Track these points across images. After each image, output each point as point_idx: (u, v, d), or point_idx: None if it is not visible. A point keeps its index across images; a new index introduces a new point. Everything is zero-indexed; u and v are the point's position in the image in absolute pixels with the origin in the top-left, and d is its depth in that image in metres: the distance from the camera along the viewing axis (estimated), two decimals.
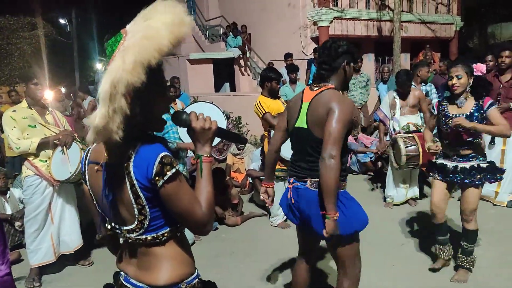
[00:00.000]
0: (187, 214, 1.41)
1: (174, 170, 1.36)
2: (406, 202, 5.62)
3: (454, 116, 3.37)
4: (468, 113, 3.34)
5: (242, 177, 6.88)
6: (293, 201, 2.62)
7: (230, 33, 13.95)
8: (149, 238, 1.45)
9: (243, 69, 14.14)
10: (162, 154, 1.35)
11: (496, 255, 4.02)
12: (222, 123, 4.50)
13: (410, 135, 4.93)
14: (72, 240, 4.13)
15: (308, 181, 2.53)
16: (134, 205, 1.40)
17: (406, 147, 4.56)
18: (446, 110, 3.47)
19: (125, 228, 1.47)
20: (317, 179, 2.43)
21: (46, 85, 4.52)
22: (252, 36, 14.59)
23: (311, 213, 2.50)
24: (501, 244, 4.27)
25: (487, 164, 3.42)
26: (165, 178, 1.35)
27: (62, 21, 22.57)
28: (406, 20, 13.56)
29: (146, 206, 1.40)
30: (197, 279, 1.56)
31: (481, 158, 3.44)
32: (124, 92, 1.24)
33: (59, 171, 3.82)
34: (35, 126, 3.82)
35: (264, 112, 4.78)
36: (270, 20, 13.84)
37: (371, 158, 7.15)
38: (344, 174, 2.58)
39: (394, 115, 5.48)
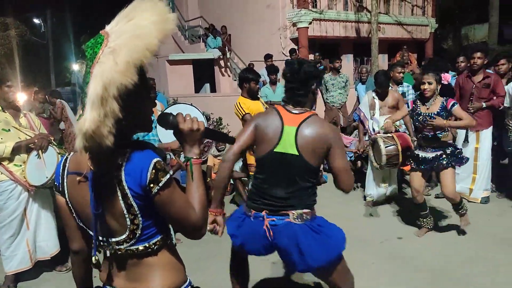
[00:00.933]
0: (182, 219, 1.38)
1: (168, 176, 1.33)
2: (386, 200, 5.68)
3: (425, 114, 4.14)
4: (436, 112, 4.09)
5: None
6: (271, 239, 2.40)
7: (210, 34, 13.89)
8: (140, 248, 1.41)
9: (223, 70, 14.10)
10: (155, 160, 1.32)
11: (470, 251, 4.11)
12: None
13: (389, 134, 4.98)
14: (49, 245, 4.03)
15: (290, 214, 2.36)
16: (127, 215, 1.35)
17: (386, 147, 4.62)
18: (418, 109, 4.22)
19: (114, 239, 1.41)
20: (303, 211, 2.35)
21: (19, 88, 4.40)
22: (232, 37, 14.57)
23: (296, 249, 2.34)
24: (475, 240, 4.36)
25: (453, 150, 4.20)
26: (160, 184, 1.32)
27: (36, 21, 22.12)
28: (383, 22, 13.77)
29: (139, 215, 1.36)
30: (189, 286, 1.53)
31: (450, 147, 4.21)
32: (116, 95, 1.20)
33: (34, 176, 3.72)
34: (9, 130, 3.70)
35: (244, 113, 4.80)
36: (249, 21, 13.84)
37: (350, 157, 7.20)
38: (315, 199, 2.51)
39: (373, 115, 5.54)
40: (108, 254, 1.48)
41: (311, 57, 11.43)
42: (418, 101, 4.28)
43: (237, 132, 8.22)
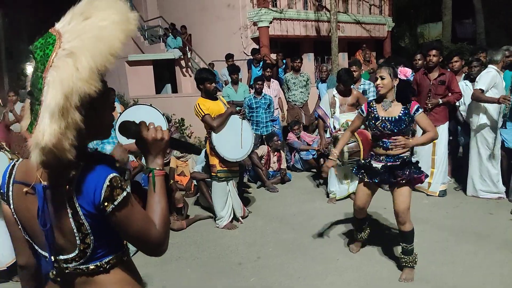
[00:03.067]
0: (141, 238, 1.29)
1: (125, 194, 1.23)
2: (348, 196, 5.78)
3: (384, 118, 3.48)
4: (397, 117, 3.45)
5: (186, 180, 6.78)
6: None
7: (170, 34, 13.72)
8: (91, 267, 1.30)
9: (184, 70, 13.95)
10: (111, 175, 1.21)
11: (430, 243, 4.24)
12: (163, 126, 4.41)
13: None
14: (4, 255, 3.86)
15: None
16: (76, 234, 1.24)
17: (347, 144, 4.70)
18: (375, 112, 3.56)
19: (62, 257, 1.29)
20: None
21: None
22: (192, 36, 14.43)
23: None
24: (434, 232, 4.51)
25: (413, 161, 3.56)
26: (115, 203, 1.22)
27: None
28: (342, 21, 14.02)
29: (90, 234, 1.25)
30: None
31: (406, 158, 3.53)
32: (78, 104, 1.10)
33: None
34: None
35: (203, 114, 4.75)
36: (210, 20, 13.76)
37: (313, 155, 7.31)
38: None
39: (334, 113, 5.63)
40: (54, 272, 1.33)
41: (273, 56, 11.49)
42: (373, 102, 3.64)
43: (200, 133, 8.17)
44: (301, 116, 8.14)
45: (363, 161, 3.79)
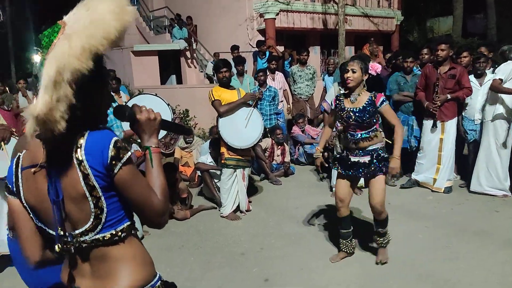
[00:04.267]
0: (144, 202, 1.35)
1: (129, 154, 1.33)
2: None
3: (349, 109, 3.52)
4: (361, 107, 3.49)
5: (190, 170, 6.79)
6: None
7: (176, 25, 13.67)
8: (107, 236, 1.35)
9: (189, 61, 13.91)
10: (115, 138, 1.31)
11: (433, 239, 4.23)
12: (167, 115, 4.45)
13: None
14: None
15: None
16: (89, 198, 1.30)
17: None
18: (342, 104, 3.59)
19: (78, 231, 1.34)
20: None
21: None
22: (198, 27, 14.37)
23: None
24: (437, 228, 4.49)
25: (386, 155, 3.57)
26: (123, 161, 1.30)
27: None
28: (350, 14, 13.88)
29: (103, 197, 1.31)
30: (160, 281, 1.47)
31: (380, 151, 3.57)
32: (70, 80, 1.18)
33: None
34: None
35: (213, 99, 4.94)
36: (216, 12, 13.69)
37: None
38: None
39: None
40: (72, 251, 1.36)
41: (280, 48, 11.43)
42: (341, 95, 3.68)
43: (204, 124, 8.22)
44: (306, 110, 8.10)
45: (340, 154, 3.81)
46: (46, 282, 2.12)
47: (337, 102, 3.64)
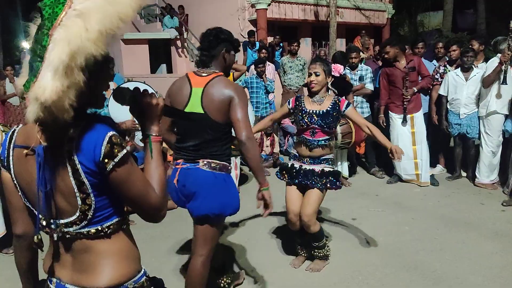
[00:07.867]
0: (141, 199, 1.28)
1: (124, 151, 1.23)
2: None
3: (311, 111, 3.33)
4: (325, 110, 3.32)
5: None
6: (176, 183, 2.64)
7: (167, 14, 13.52)
8: (92, 231, 1.28)
9: (180, 50, 13.80)
10: (111, 133, 1.21)
11: (420, 231, 4.26)
12: None
13: None
14: None
15: (200, 162, 2.56)
16: (77, 194, 1.23)
17: (340, 126, 4.71)
18: (303, 105, 3.39)
19: (62, 221, 1.27)
20: (213, 161, 2.56)
21: None
22: (189, 17, 14.24)
23: (197, 190, 2.56)
24: (424, 220, 4.53)
25: (332, 169, 3.40)
26: (116, 160, 1.21)
27: None
28: (341, 6, 13.85)
29: (91, 194, 1.24)
30: (145, 277, 1.40)
31: (329, 163, 3.39)
32: (83, 65, 1.09)
33: None
34: None
35: None
36: (207, 1, 13.56)
37: None
38: (228, 159, 2.66)
39: None
40: (55, 238, 1.31)
41: (270, 39, 11.35)
42: (303, 97, 3.49)
43: None
44: None
45: (285, 163, 3.62)
46: None
47: (297, 103, 3.43)
